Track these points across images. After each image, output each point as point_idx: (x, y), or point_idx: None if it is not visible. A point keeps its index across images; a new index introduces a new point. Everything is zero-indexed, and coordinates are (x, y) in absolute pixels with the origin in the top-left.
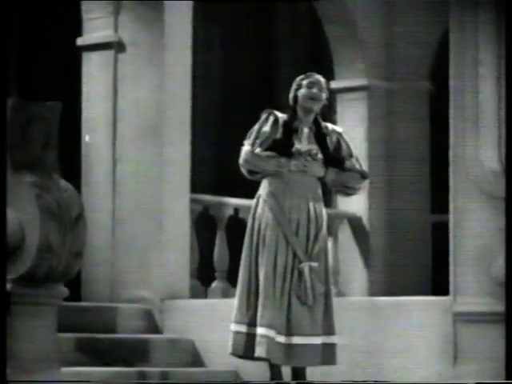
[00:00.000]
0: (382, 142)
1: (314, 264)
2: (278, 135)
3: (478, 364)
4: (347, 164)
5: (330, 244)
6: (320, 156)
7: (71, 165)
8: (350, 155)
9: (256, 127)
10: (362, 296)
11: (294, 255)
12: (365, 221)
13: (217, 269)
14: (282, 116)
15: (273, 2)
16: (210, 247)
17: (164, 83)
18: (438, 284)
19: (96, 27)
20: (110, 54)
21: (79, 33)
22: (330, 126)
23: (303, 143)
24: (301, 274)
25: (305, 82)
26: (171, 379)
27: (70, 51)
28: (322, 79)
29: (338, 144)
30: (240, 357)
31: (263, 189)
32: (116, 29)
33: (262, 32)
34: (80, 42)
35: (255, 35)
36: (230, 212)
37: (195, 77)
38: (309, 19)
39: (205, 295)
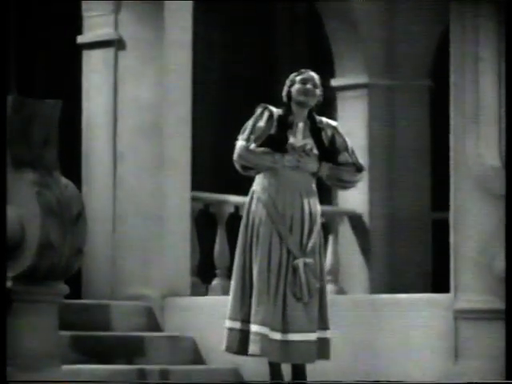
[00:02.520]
0: (383, 139)
1: (309, 260)
2: (273, 130)
3: (478, 361)
4: (341, 158)
5: (330, 241)
6: (314, 151)
7: (71, 162)
8: (345, 149)
9: (250, 122)
10: (362, 293)
11: (288, 251)
12: (365, 218)
13: (217, 266)
14: (276, 111)
15: (273, 0)
16: (211, 245)
17: (164, 81)
18: (439, 281)
19: (96, 25)
20: (110, 51)
21: (79, 31)
22: (324, 120)
23: (298, 138)
24: (295, 270)
25: (298, 78)
26: (171, 377)
27: (70, 49)
28: (315, 76)
29: (333, 138)
30: (235, 353)
31: (257, 185)
32: (116, 27)
33: (263, 30)
34: (80, 39)
35: (255, 33)
36: (231, 209)
37: (195, 74)
38: (309, 17)
39: (205, 292)
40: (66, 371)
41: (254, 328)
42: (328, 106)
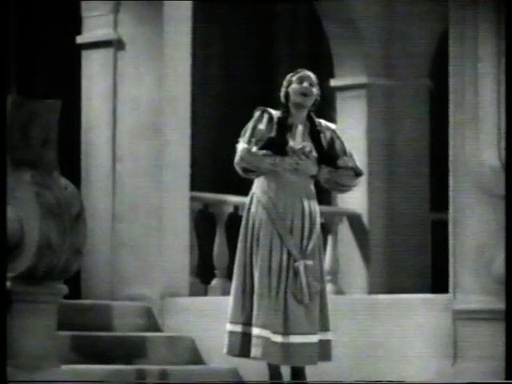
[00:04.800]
0: (382, 139)
1: (309, 262)
2: (273, 133)
3: (477, 362)
4: (340, 161)
5: (329, 242)
6: (314, 154)
7: (71, 163)
8: (344, 152)
9: (250, 125)
10: (361, 294)
11: (289, 253)
12: (364, 218)
13: (216, 266)
14: (275, 113)
15: (273, 0)
16: (210, 245)
17: (163, 81)
18: (438, 282)
19: (95, 25)
20: (109, 52)
21: (79, 31)
22: (323, 122)
23: (297, 141)
24: (296, 272)
25: (295, 78)
26: (170, 377)
27: (69, 49)
28: (312, 74)
29: (332, 141)
30: (237, 356)
31: (256, 187)
32: (115, 27)
33: (262, 30)
34: (79, 40)
35: (255, 33)
36: (230, 209)
37: (195, 75)
38: (308, 17)
39: (204, 293)
40: (66, 371)
41: (255, 331)
42: (327, 106)
